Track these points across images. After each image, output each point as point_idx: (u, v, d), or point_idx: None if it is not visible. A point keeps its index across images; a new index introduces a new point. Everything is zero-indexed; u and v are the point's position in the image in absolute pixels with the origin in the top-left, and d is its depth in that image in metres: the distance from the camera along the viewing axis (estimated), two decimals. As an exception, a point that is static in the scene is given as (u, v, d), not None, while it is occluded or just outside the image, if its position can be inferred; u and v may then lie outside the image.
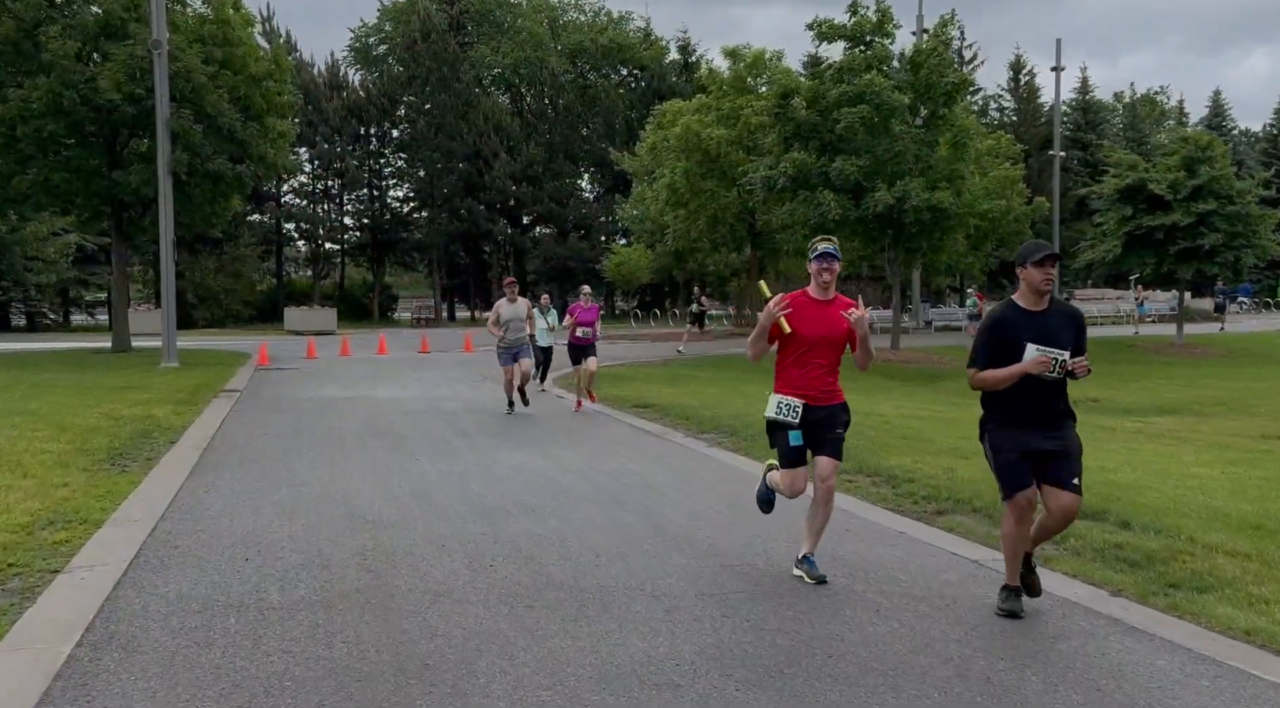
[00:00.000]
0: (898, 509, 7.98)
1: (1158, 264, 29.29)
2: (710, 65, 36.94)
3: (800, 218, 25.53)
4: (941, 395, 20.19)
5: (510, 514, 7.65)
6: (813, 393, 5.92)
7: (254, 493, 8.46)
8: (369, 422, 13.26)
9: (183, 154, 22.47)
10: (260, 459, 10.21)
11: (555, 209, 59.65)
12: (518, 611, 5.28)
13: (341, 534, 6.99)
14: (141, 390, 16.36)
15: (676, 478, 9.30)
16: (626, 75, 66.57)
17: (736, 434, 12.05)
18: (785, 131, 26.56)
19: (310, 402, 15.73)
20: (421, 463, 10.04)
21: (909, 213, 24.66)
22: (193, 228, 26.08)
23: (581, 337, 14.91)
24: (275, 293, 57.31)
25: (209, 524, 7.29)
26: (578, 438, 12.00)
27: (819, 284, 5.95)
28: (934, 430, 12.81)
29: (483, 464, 9.98)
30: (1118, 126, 69.10)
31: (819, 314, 5.92)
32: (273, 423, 13.08)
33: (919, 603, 5.50)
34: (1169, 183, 28.17)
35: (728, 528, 7.27)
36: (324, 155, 56.48)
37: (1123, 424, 14.61)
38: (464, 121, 57.64)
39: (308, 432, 12.24)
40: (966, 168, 25.87)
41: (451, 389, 18.02)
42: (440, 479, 9.14)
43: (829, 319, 5.91)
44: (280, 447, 11.04)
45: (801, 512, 6.57)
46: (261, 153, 24.09)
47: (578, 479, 9.19)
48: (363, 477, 9.25)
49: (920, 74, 25.71)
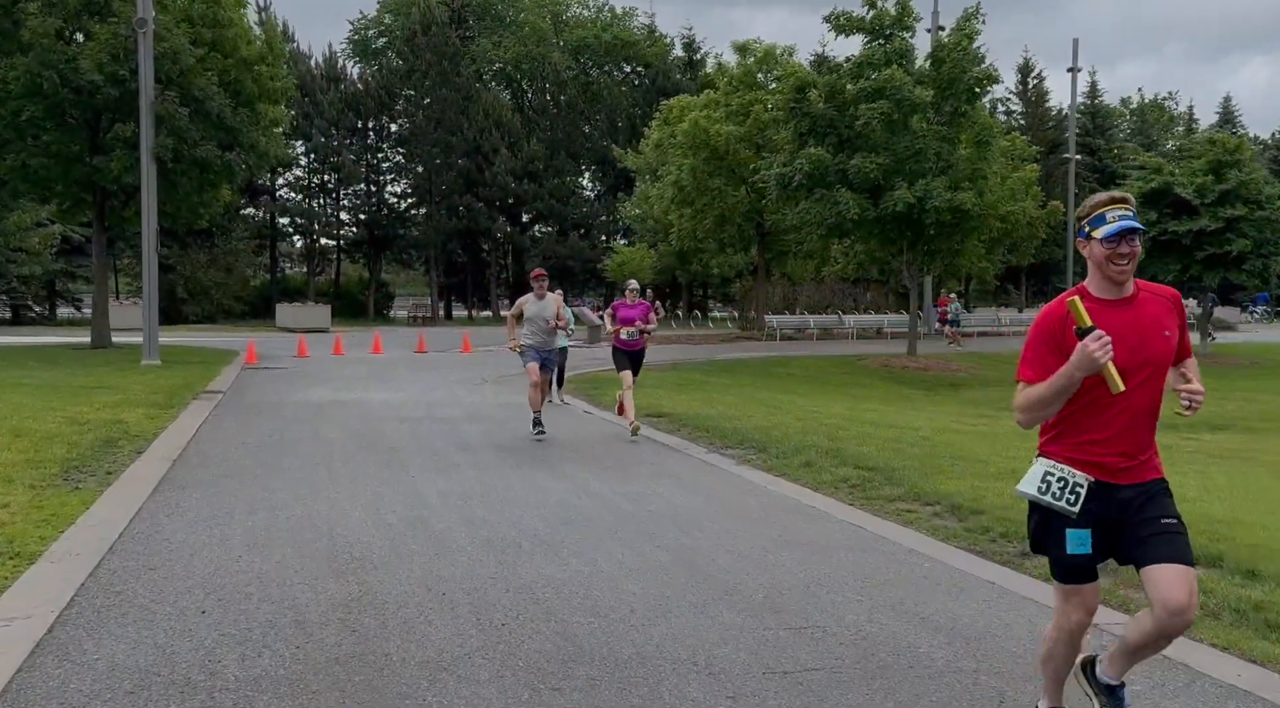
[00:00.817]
0: (974, 548, 6.83)
1: (1183, 270, 28.23)
2: (720, 59, 35.78)
3: (816, 217, 24.41)
4: (969, 406, 19.06)
5: (522, 550, 6.51)
6: (1114, 460, 3.51)
7: (223, 518, 7.30)
8: (360, 430, 12.09)
9: (167, 139, 21.28)
10: (235, 475, 9.04)
11: (556, 207, 58.47)
12: (541, 695, 4.13)
13: (322, 575, 5.83)
14: (114, 391, 15.18)
15: (709, 505, 8.15)
16: (630, 73, 65.46)
17: (765, 451, 10.91)
18: (800, 127, 25.43)
19: (297, 406, 14.57)
20: (418, 481, 8.88)
21: (930, 214, 23.55)
22: (179, 218, 24.88)
23: (628, 339, 12.32)
24: (269, 289, 56.08)
25: (165, 560, 6.13)
26: (592, 454, 10.85)
27: (1112, 275, 3.46)
28: (980, 447, 11.68)
29: (487, 484, 8.83)
30: (1126, 132, 68.05)
31: (1122, 323, 3.43)
32: (254, 430, 11.92)
33: (1046, 687, 4.35)
34: (1196, 187, 27.12)
35: (779, 572, 6.12)
36: (320, 149, 55.23)
37: (1178, 442, 13.49)
38: (464, 116, 56.43)
39: (291, 442, 11.07)
40: (989, 168, 24.76)
41: (450, 393, 16.86)
42: (440, 502, 7.99)
43: (1141, 328, 3.47)
44: (259, 459, 9.88)
45: (877, 537, 5.41)
46: (253, 141, 22.91)
47: (597, 505, 8.04)
48: (351, 498, 8.09)
49: (943, 69, 24.59)
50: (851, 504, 8.25)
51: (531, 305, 12.03)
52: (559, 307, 12.18)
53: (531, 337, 11.98)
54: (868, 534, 7.15)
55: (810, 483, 9.06)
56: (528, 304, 12.05)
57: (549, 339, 12.14)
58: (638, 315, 12.22)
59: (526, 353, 12.01)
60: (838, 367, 25.43)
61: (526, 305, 12.05)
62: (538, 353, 11.99)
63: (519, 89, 65.18)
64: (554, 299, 12.20)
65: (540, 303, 12.05)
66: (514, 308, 12.28)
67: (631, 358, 12.36)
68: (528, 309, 12.02)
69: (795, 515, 7.75)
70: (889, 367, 25.78)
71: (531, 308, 12.01)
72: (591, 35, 63.66)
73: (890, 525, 7.46)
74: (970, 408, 18.60)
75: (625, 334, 12.27)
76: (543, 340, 12.04)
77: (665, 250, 44.73)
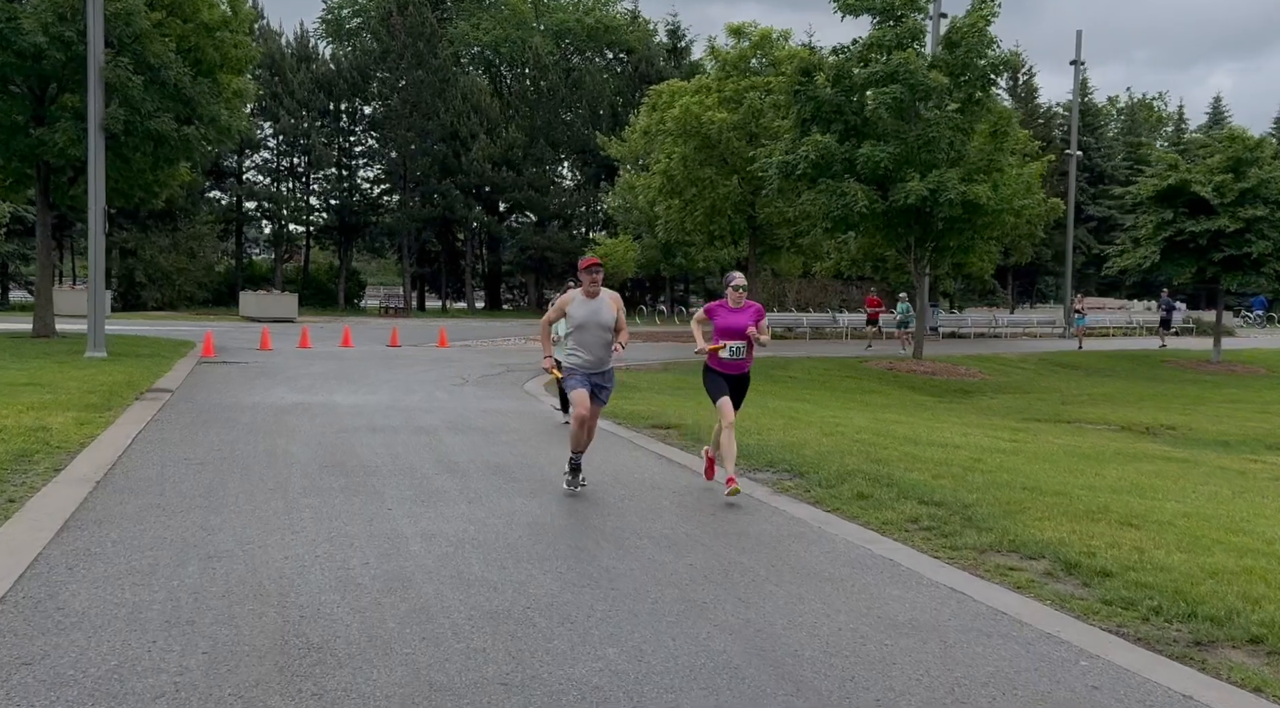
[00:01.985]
0: (1127, 632, 5.26)
1: (1198, 272, 26.95)
2: (714, 42, 34.12)
3: (821, 209, 22.83)
4: (989, 416, 17.58)
5: (538, 630, 4.87)
6: None
7: (144, 573, 5.61)
8: (326, 443, 10.38)
9: (119, 110, 19.35)
10: (169, 505, 7.33)
11: (534, 196, 56.61)
12: None
13: (265, 681, 4.17)
14: (45, 389, 13.35)
15: (762, 557, 6.53)
16: (612, 59, 63.66)
17: (803, 476, 9.33)
18: (804, 112, 23.84)
19: (254, 410, 12.81)
20: (396, 517, 7.21)
21: (942, 207, 22.05)
22: (131, 197, 22.89)
23: (730, 359, 8.40)
24: (234, 275, 53.94)
25: (51, 647, 4.44)
26: (598, 473, 9.21)
27: None
28: (1044, 473, 10.15)
29: (481, 522, 7.18)
30: (1114, 132, 67.10)
31: None
32: (200, 442, 10.17)
33: None
34: (1214, 185, 25.82)
35: (894, 676, 4.52)
36: (289, 131, 53.06)
37: (1249, 467, 12.06)
38: (440, 100, 54.44)
39: (243, 459, 9.34)
40: (1005, 159, 23.30)
41: (428, 396, 15.15)
42: (424, 551, 6.33)
43: None
44: (201, 483, 8.16)
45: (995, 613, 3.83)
46: (213, 114, 20.99)
47: (621, 555, 6.41)
48: (311, 543, 6.41)
49: (956, 54, 23.08)
50: (935, 555, 6.67)
51: (580, 307, 8.22)
52: (619, 310, 8.34)
53: (581, 352, 8.27)
54: (980, 608, 5.56)
55: (873, 525, 7.47)
56: (573, 304, 8.24)
57: (604, 355, 8.31)
58: (747, 322, 8.29)
59: (572, 376, 8.30)
60: (840, 369, 23.92)
61: (571, 306, 8.25)
62: (586, 376, 8.26)
63: (498, 74, 63.21)
64: (611, 299, 8.31)
65: (591, 304, 8.22)
66: (552, 309, 8.56)
67: (734, 384, 8.48)
68: (574, 311, 8.21)
69: (876, 575, 6.15)
70: (894, 370, 24.30)
71: (580, 310, 8.21)
72: (573, 19, 61.81)
73: (1002, 593, 5.88)
74: (994, 418, 17.12)
75: (728, 353, 8.35)
76: (597, 358, 8.28)
77: (650, 243, 43.08)
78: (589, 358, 8.29)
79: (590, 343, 8.26)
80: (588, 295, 8.28)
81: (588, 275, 8.26)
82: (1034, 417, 18.04)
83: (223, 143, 23.16)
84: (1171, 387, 23.49)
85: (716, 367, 8.48)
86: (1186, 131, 66.99)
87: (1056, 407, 19.77)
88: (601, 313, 8.24)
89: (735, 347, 8.38)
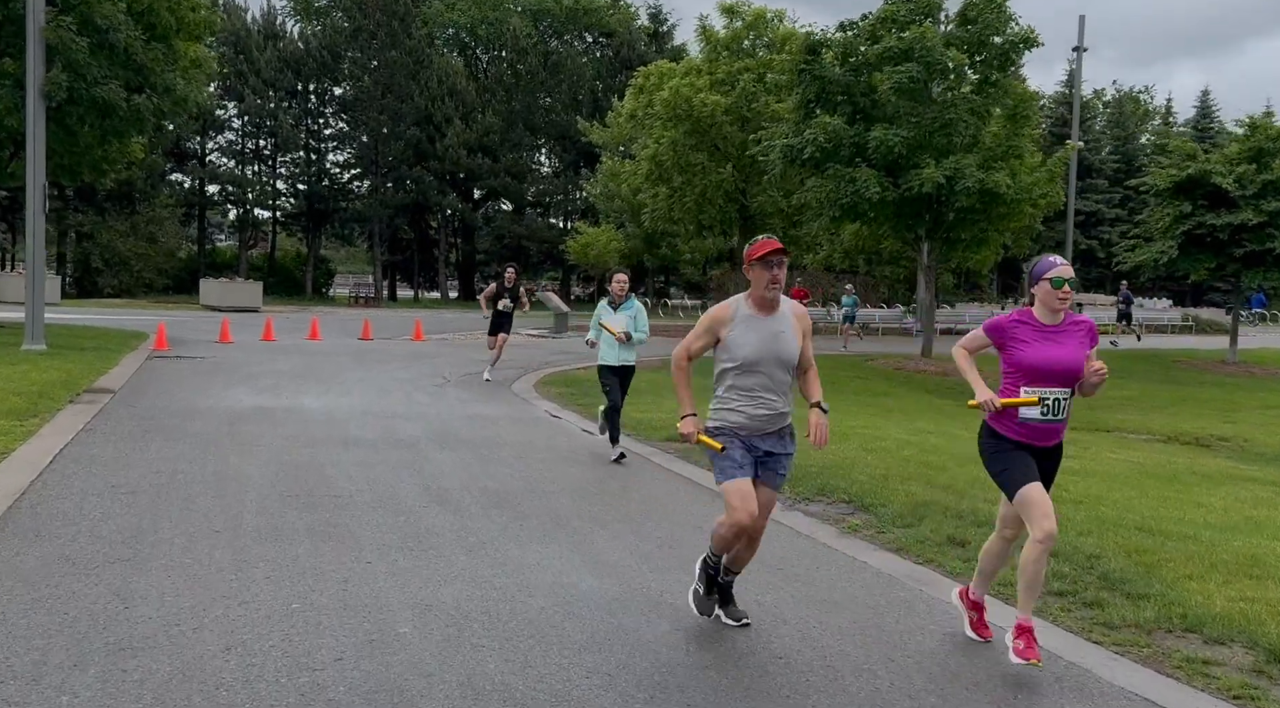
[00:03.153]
0: None
1: (1218, 268, 25.68)
2: (705, 22, 32.45)
3: (829, 196, 21.25)
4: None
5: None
6: None
7: (28, 673, 3.91)
8: (289, 463, 8.66)
9: (61, 75, 17.42)
10: (79, 559, 5.62)
11: (511, 183, 54.75)
12: None
13: None
14: (-39, 391, 11.50)
15: (868, 645, 4.91)
16: (592, 43, 61.80)
17: (868, 510, 7.76)
18: (808, 93, 22.22)
19: (207, 417, 11.04)
20: (377, 577, 5.54)
21: (959, 196, 20.55)
22: (79, 174, 20.93)
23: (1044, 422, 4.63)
24: (196, 262, 51.71)
25: None
26: (622, 509, 7.58)
27: None
28: (1143, 504, 8.63)
29: (488, 580, 5.53)
30: (1101, 125, 66.11)
31: None
32: (136, 462, 8.42)
33: None
34: (1236, 177, 24.52)
35: None
36: (255, 111, 50.82)
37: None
38: (414, 83, 52.40)
39: (185, 486, 7.61)
40: (1025, 145, 21.83)
41: (407, 399, 13.43)
42: (419, 634, 4.67)
43: None
44: (129, 524, 6.44)
45: None
46: (167, 82, 19.06)
47: (677, 633, 4.78)
48: (263, 621, 4.73)
49: (972, 30, 21.55)
50: (1092, 637, 5.09)
51: (746, 330, 5.01)
52: (807, 335, 5.26)
53: (744, 403, 4.94)
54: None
55: (999, 594, 5.84)
56: (734, 325, 4.94)
57: (782, 407, 5.00)
58: (1079, 354, 4.67)
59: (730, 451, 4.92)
60: (843, 369, 22.39)
61: (732, 330, 4.95)
62: (751, 446, 4.94)
63: (474, 56, 61.17)
64: (797, 318, 5.02)
65: (765, 323, 4.95)
66: (694, 337, 5.07)
67: (1044, 461, 4.80)
68: (736, 338, 4.98)
69: (1049, 686, 4.55)
70: (902, 369, 22.81)
71: (746, 336, 4.97)
72: (552, 0, 59.85)
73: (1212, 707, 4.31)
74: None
75: (1044, 410, 4.63)
76: (770, 413, 4.99)
77: (633, 232, 41.42)
78: (758, 413, 4.88)
79: (759, 388, 4.87)
80: (758, 309, 4.88)
81: (766, 271, 4.77)
82: (1067, 424, 16.58)
83: (177, 115, 21.24)
84: (1194, 390, 22.17)
85: (1013, 434, 4.67)
86: (1174, 125, 66.12)
87: (1084, 412, 18.33)
88: (782, 342, 4.85)
89: (1056, 399, 4.61)
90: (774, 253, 4.77)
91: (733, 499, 4.81)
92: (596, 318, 9.78)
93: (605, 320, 9.66)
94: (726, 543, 4.92)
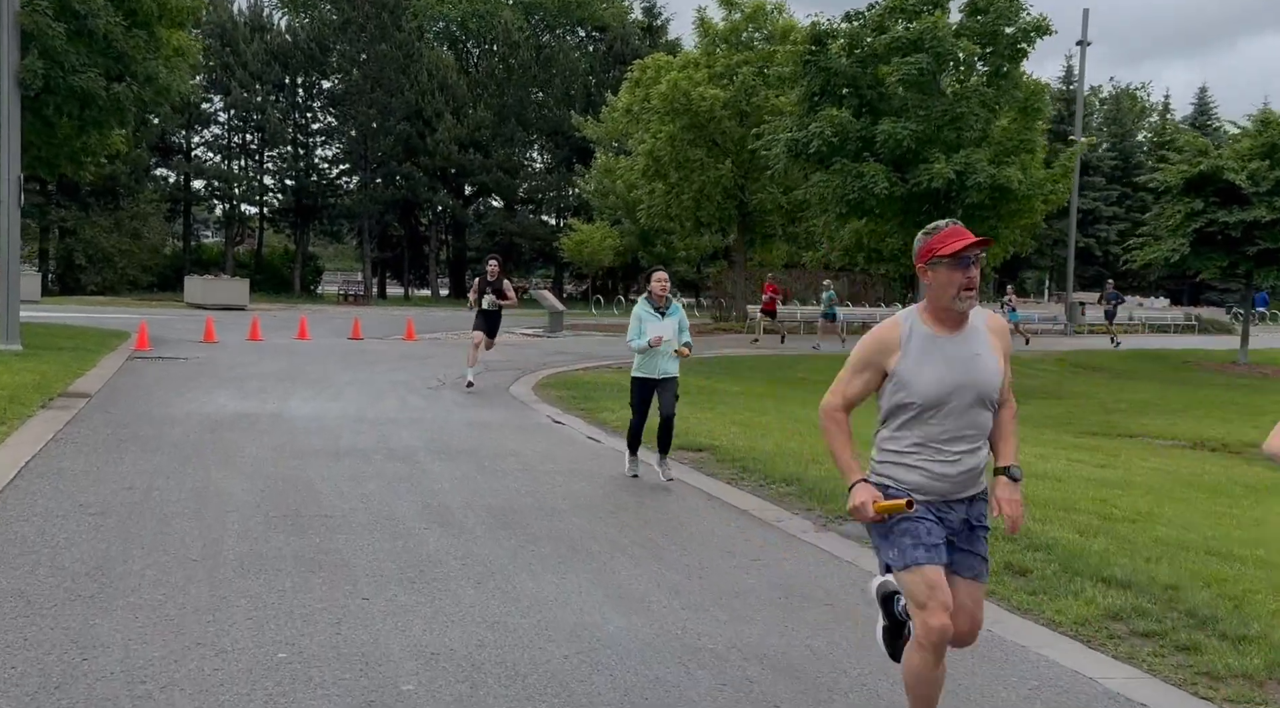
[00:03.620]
0: None
1: (1230, 267, 25.14)
2: (703, 13, 31.76)
3: (836, 192, 20.61)
4: (1039, 428, 15.35)
5: None
6: None
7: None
8: (275, 477, 7.95)
9: (37, 62, 16.62)
10: (36, 597, 4.92)
11: (503, 179, 53.95)
12: None
13: None
14: (-77, 396, 10.76)
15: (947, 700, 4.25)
16: (585, 37, 61.05)
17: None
18: (813, 86, 21.56)
19: (187, 424, 10.32)
20: (375, 616, 4.85)
21: (970, 191, 19.93)
22: (58, 167, 20.13)
23: None
24: (181, 259, 50.80)
25: None
26: (640, 531, 6.91)
27: None
28: (1202, 522, 8.00)
29: (500, 621, 4.85)
30: (1099, 121, 65.67)
31: None
32: (108, 477, 7.70)
33: None
34: (1249, 172, 23.98)
35: None
36: (241, 104, 49.89)
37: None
38: (404, 76, 51.56)
39: (160, 505, 6.90)
40: (1037, 139, 21.23)
41: (401, 403, 12.72)
42: (426, 692, 3.98)
43: None
44: (95, 551, 5.73)
45: None
46: (149, 71, 18.26)
47: (724, 686, 4.10)
48: (243, 676, 4.04)
49: (983, 20, 20.91)
50: (1191, 689, 4.43)
51: (922, 352, 3.48)
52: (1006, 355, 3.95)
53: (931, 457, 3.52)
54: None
55: (1063, 624, 5.22)
56: (908, 350, 3.49)
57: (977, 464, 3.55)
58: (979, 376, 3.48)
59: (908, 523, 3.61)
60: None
61: (902, 362, 3.49)
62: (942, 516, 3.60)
63: (465, 51, 60.33)
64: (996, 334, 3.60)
65: (954, 342, 3.48)
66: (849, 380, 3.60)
67: None
68: (907, 369, 3.46)
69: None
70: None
71: (923, 363, 3.46)
72: (545, -6, 59.09)
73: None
74: (1045, 431, 14.97)
75: None
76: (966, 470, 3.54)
77: (629, 230, 40.73)
78: (947, 472, 3.46)
79: (949, 435, 3.46)
80: (943, 325, 3.48)
81: (959, 272, 3.39)
82: (1087, 429, 15.98)
83: (159, 105, 20.41)
84: (1210, 392, 21.60)
85: None
86: (1173, 122, 65.72)
87: (1102, 416, 17.76)
88: (980, 369, 3.46)
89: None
90: (971, 246, 3.35)
91: (918, 592, 3.32)
92: (638, 322, 8.39)
93: (653, 329, 8.30)
94: (923, 670, 3.41)
